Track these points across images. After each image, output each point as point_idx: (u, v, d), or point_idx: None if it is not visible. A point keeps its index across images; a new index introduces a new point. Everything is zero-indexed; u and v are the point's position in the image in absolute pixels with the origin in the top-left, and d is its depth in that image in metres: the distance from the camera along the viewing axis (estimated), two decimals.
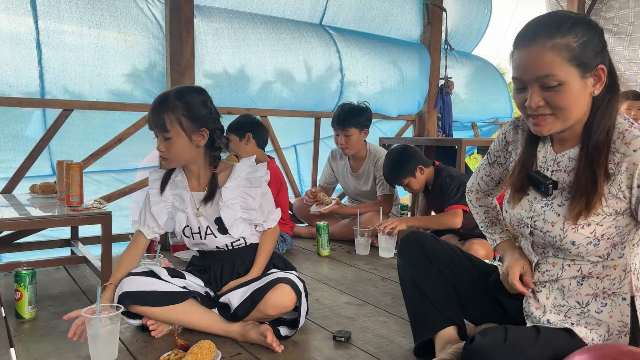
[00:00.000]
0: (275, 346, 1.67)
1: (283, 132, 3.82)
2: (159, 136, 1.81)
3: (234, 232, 1.91)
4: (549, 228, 1.35)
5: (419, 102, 4.63)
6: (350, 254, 3.13)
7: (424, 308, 1.61)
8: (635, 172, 1.23)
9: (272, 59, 3.60)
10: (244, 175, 1.93)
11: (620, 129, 1.27)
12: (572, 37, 1.21)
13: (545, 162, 1.40)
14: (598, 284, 1.37)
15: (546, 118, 1.26)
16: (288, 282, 1.77)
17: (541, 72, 1.22)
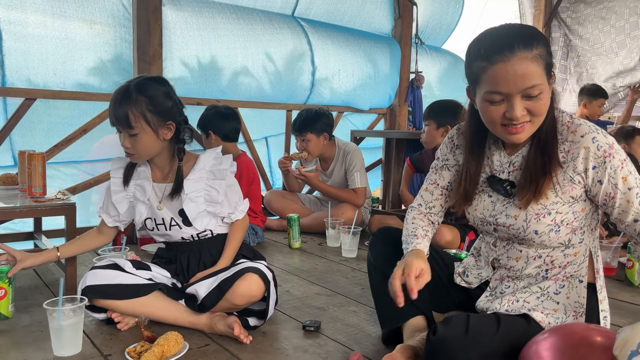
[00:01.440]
0: (243, 337, 1.66)
1: (254, 124, 3.79)
2: (123, 132, 1.75)
3: (198, 225, 1.88)
4: (512, 222, 1.41)
5: (390, 95, 4.65)
6: (321, 246, 3.13)
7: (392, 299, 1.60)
8: (589, 155, 1.31)
9: (243, 50, 3.56)
10: (208, 167, 1.90)
11: (562, 121, 1.37)
12: (542, 47, 1.26)
13: (500, 166, 1.46)
14: (560, 271, 1.43)
15: (525, 125, 1.30)
16: (256, 271, 1.76)
17: (528, 84, 1.24)
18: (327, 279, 2.45)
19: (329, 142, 3.43)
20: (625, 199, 1.31)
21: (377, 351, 1.64)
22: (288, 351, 1.64)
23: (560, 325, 1.30)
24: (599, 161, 1.31)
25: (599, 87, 4.43)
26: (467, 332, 1.29)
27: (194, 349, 1.63)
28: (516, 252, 1.46)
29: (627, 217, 1.33)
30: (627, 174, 1.31)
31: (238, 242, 1.96)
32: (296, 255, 2.91)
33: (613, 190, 1.31)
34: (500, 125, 1.32)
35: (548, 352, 1.17)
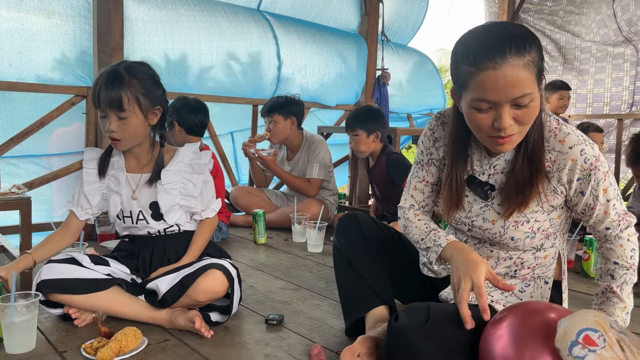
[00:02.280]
0: (204, 331, 1.63)
1: (219, 119, 3.74)
2: (111, 116, 1.70)
3: (169, 219, 1.85)
4: (489, 226, 1.39)
5: (357, 92, 4.67)
6: (287, 242, 3.11)
7: (357, 287, 1.61)
8: (576, 167, 1.29)
9: (207, 43, 3.51)
10: (186, 160, 1.88)
11: (549, 127, 1.31)
12: (534, 52, 1.18)
13: (480, 167, 1.41)
14: (529, 272, 1.45)
15: (513, 136, 1.23)
16: (220, 267, 1.73)
17: (518, 93, 1.16)
18: (291, 273, 2.44)
19: (297, 132, 3.43)
20: (603, 210, 1.33)
21: (340, 343, 1.64)
22: (250, 345, 1.62)
23: (517, 303, 1.31)
24: (585, 174, 1.29)
25: (557, 81, 4.50)
26: (428, 320, 1.28)
27: (153, 344, 1.60)
28: (487, 252, 1.46)
29: (600, 226, 1.36)
30: (608, 186, 1.32)
31: (205, 240, 1.93)
32: (261, 251, 2.89)
33: (594, 201, 1.32)
34: (487, 134, 1.24)
35: (505, 330, 1.18)
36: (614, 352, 0.97)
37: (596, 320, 1.02)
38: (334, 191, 3.56)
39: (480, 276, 1.24)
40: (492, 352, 1.19)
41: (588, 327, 1.00)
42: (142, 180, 1.85)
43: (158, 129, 1.86)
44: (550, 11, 5.54)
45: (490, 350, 1.20)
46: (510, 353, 1.15)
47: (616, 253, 1.37)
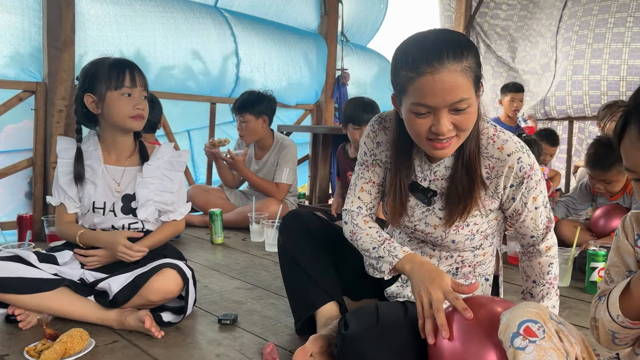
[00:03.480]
0: (155, 331, 1.60)
1: (176, 117, 3.67)
2: (136, 94, 1.78)
3: (140, 213, 1.84)
4: (431, 230, 1.42)
5: (317, 91, 4.68)
6: (245, 241, 3.09)
7: (304, 285, 1.60)
8: (511, 174, 1.33)
9: (163, 39, 3.45)
10: (166, 157, 1.90)
11: (487, 134, 1.34)
12: (472, 58, 1.20)
13: (421, 172, 1.42)
14: (470, 270, 1.49)
15: (452, 141, 1.25)
16: (174, 267, 1.71)
17: (455, 98, 1.17)
18: (248, 273, 2.42)
19: (268, 132, 3.38)
20: (530, 216, 1.39)
21: (293, 341, 1.64)
22: (201, 345, 1.60)
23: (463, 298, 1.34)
24: (518, 181, 1.33)
25: (510, 83, 4.61)
26: (378, 323, 1.29)
27: (101, 346, 1.55)
28: (429, 252, 1.50)
29: (526, 231, 1.42)
30: (538, 194, 1.36)
31: (164, 236, 1.90)
32: (218, 251, 2.85)
33: (522, 207, 1.37)
34: (426, 139, 1.25)
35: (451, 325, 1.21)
36: (552, 342, 1.01)
37: (536, 312, 1.05)
38: (294, 191, 3.55)
39: (447, 287, 1.24)
40: (440, 347, 1.21)
41: (529, 319, 1.03)
42: (125, 174, 1.86)
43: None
44: (505, 16, 5.68)
45: (438, 346, 1.22)
46: (457, 347, 1.18)
47: (534, 271, 1.44)
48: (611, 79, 4.67)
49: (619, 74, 4.62)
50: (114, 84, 1.75)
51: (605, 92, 4.71)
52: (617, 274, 1.03)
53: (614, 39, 4.66)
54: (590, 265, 2.22)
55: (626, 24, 4.62)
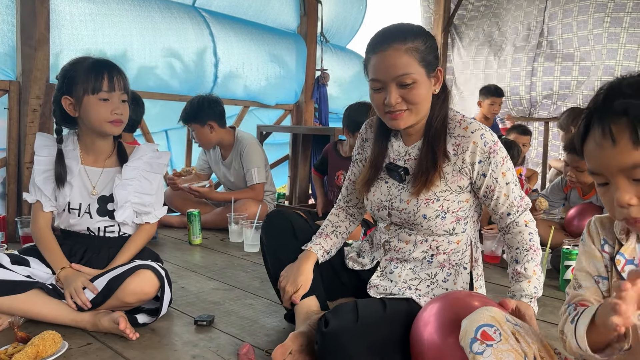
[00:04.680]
0: (129, 333, 1.58)
1: (153, 117, 3.63)
2: (115, 98, 1.74)
3: (118, 215, 1.81)
4: (404, 206, 1.50)
5: (296, 92, 4.67)
6: (223, 242, 3.07)
7: None
8: (477, 150, 1.43)
9: (139, 38, 3.41)
10: (146, 158, 1.87)
11: (455, 119, 1.50)
12: (420, 42, 1.40)
13: (398, 155, 1.57)
14: (445, 258, 1.53)
15: (403, 113, 1.42)
16: (149, 267, 1.69)
17: (399, 72, 1.38)
18: (226, 273, 2.41)
19: (224, 132, 3.32)
20: (503, 192, 1.46)
21: (271, 341, 1.63)
22: (177, 346, 1.59)
23: (443, 294, 1.40)
24: (485, 156, 1.44)
25: (491, 86, 4.63)
26: (357, 320, 1.32)
27: (74, 349, 1.53)
28: (406, 236, 1.55)
29: (500, 209, 1.49)
30: (507, 170, 1.46)
31: (140, 245, 1.88)
32: (196, 252, 2.83)
33: (493, 183, 1.46)
34: (383, 112, 1.45)
35: (431, 318, 1.26)
36: (509, 344, 1.02)
37: (492, 316, 1.07)
38: (272, 190, 3.54)
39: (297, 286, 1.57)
40: (420, 338, 1.25)
41: (485, 323, 1.05)
42: (103, 175, 1.83)
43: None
44: (482, 17, 5.74)
45: (418, 337, 1.26)
46: (435, 339, 1.21)
47: (516, 240, 1.49)
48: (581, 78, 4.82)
49: (597, 74, 4.74)
50: (91, 88, 1.71)
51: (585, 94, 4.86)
52: (585, 279, 1.03)
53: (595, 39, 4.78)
54: (564, 264, 2.26)
55: (603, 24, 4.73)
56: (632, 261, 0.96)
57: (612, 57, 4.70)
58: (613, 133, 0.83)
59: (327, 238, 1.69)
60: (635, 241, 0.97)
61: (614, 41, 4.67)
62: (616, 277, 0.97)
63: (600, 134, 0.85)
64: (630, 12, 4.62)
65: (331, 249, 1.68)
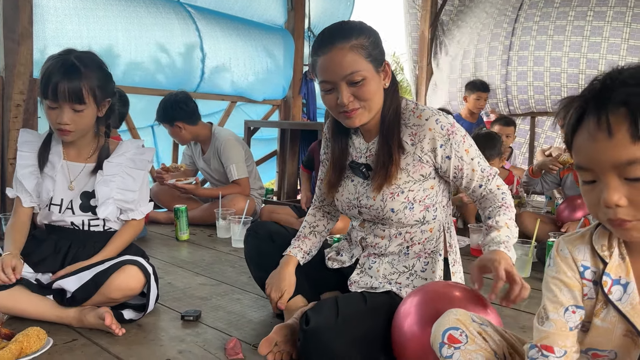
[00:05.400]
0: (115, 328, 1.57)
1: (139, 112, 3.61)
2: (65, 108, 1.64)
3: (101, 211, 1.78)
4: (372, 202, 1.51)
5: (284, 87, 4.67)
6: (211, 238, 3.06)
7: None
8: (435, 135, 1.43)
9: (125, 33, 3.38)
10: (129, 154, 1.84)
11: (408, 108, 1.50)
12: (363, 38, 1.38)
13: (360, 152, 1.57)
14: (420, 248, 1.55)
15: (356, 111, 1.42)
16: (135, 263, 1.68)
17: (347, 71, 1.37)
18: (213, 269, 2.40)
19: (198, 128, 3.27)
20: (470, 168, 1.47)
21: (258, 335, 1.63)
22: (163, 342, 1.58)
23: (423, 285, 1.42)
24: (445, 139, 1.44)
25: (477, 81, 4.64)
26: (338, 315, 1.34)
27: (59, 345, 1.52)
28: (380, 232, 1.56)
29: (472, 184, 1.49)
30: (469, 147, 1.46)
31: (126, 241, 1.86)
32: (183, 248, 2.82)
33: (460, 162, 1.46)
34: (337, 112, 1.44)
35: (411, 309, 1.27)
36: (477, 344, 1.03)
37: (457, 318, 1.07)
38: (259, 185, 3.53)
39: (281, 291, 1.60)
40: (401, 330, 1.27)
41: (451, 327, 1.05)
42: (84, 171, 1.81)
43: (104, 120, 1.81)
44: (470, 12, 5.75)
45: (399, 329, 1.28)
46: (415, 330, 1.23)
47: (489, 201, 1.50)
48: (571, 71, 4.77)
49: (579, 67, 4.72)
50: (42, 93, 1.67)
51: (565, 84, 4.81)
52: (554, 310, 0.92)
53: (574, 32, 4.75)
54: (549, 257, 2.28)
55: (586, 17, 4.71)
56: (618, 281, 0.88)
57: (596, 51, 4.69)
58: (610, 124, 0.74)
59: (306, 239, 1.71)
60: (619, 257, 0.88)
61: (597, 35, 4.67)
62: (603, 301, 0.89)
63: (595, 124, 0.76)
64: (613, 6, 4.62)
65: (311, 249, 1.71)
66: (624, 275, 0.88)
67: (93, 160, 1.83)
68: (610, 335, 0.90)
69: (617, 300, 0.88)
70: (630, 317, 0.86)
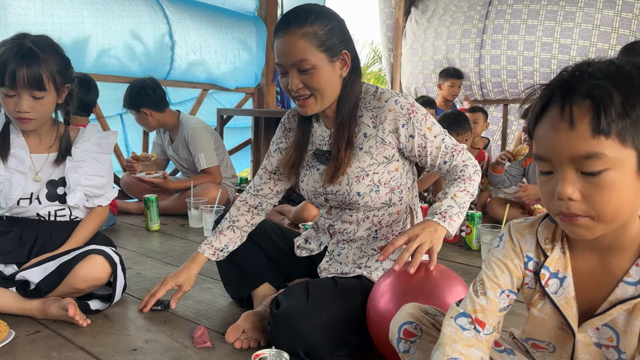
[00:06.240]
0: (79, 319, 1.54)
1: (107, 100, 3.52)
2: (23, 95, 1.58)
3: (70, 199, 1.74)
4: (337, 188, 1.50)
5: (257, 75, 4.62)
6: (183, 227, 3.03)
7: (236, 275, 1.72)
8: (397, 116, 1.43)
9: (91, 19, 3.30)
10: (94, 139, 1.80)
11: (369, 92, 1.49)
12: (318, 26, 1.36)
13: (322, 139, 1.56)
14: (388, 230, 1.55)
15: (308, 100, 1.41)
16: (100, 252, 1.65)
17: (296, 58, 1.36)
18: (184, 259, 2.34)
19: (165, 116, 3.22)
20: (434, 145, 1.45)
21: (227, 324, 1.61)
22: (130, 331, 1.56)
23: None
24: (406, 118, 1.43)
25: (450, 68, 4.67)
26: (308, 299, 1.34)
27: (22, 337, 1.49)
28: (348, 217, 1.55)
29: (438, 161, 1.47)
30: (432, 125, 1.45)
31: (92, 230, 1.82)
32: (154, 238, 2.78)
33: (423, 140, 1.44)
34: (292, 97, 1.44)
35: (386, 288, 1.29)
36: (431, 336, 1.04)
37: (410, 312, 1.08)
38: (231, 174, 3.49)
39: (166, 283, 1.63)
40: (377, 310, 1.28)
41: (405, 321, 1.06)
42: (48, 160, 1.75)
43: (64, 106, 1.76)
44: None
45: (375, 309, 1.29)
46: (391, 307, 1.23)
47: (450, 175, 1.48)
48: (543, 56, 4.80)
49: (551, 52, 4.75)
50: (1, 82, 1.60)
51: (537, 68, 4.84)
52: (493, 289, 0.93)
53: (547, 16, 4.77)
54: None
55: (560, 2, 4.73)
56: (556, 274, 0.89)
57: (569, 36, 4.72)
58: (573, 115, 0.74)
59: (221, 235, 1.66)
60: (560, 251, 0.89)
61: (570, 20, 4.70)
62: (540, 292, 0.91)
63: (559, 114, 0.76)
64: None
65: (227, 245, 1.66)
66: (562, 270, 0.89)
67: (55, 148, 1.78)
68: (546, 326, 0.93)
69: (552, 293, 0.89)
70: (563, 310, 0.88)
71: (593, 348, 0.89)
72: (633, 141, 0.73)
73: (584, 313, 0.88)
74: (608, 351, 0.87)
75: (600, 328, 0.86)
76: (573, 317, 0.88)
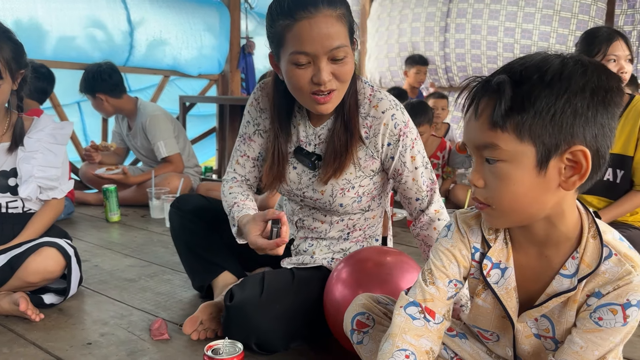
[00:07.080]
0: (31, 314, 1.50)
1: (63, 87, 3.40)
2: None
3: (22, 191, 1.67)
4: (319, 196, 1.41)
5: (220, 61, 4.54)
6: (144, 218, 2.96)
7: (196, 262, 1.65)
8: (387, 132, 1.32)
9: (44, 4, 3.17)
10: (48, 130, 1.74)
11: (365, 93, 1.34)
12: (344, 9, 1.20)
13: (306, 137, 1.41)
14: (361, 233, 1.51)
15: (332, 94, 1.23)
16: (53, 245, 1.60)
17: (334, 44, 1.17)
18: (144, 250, 2.33)
19: (122, 102, 3.11)
20: (411, 177, 1.36)
21: (186, 315, 1.58)
22: (86, 325, 1.53)
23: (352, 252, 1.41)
24: (394, 139, 1.33)
25: (416, 55, 4.69)
26: (263, 291, 1.32)
27: None
28: (321, 217, 1.49)
29: (409, 194, 1.39)
30: (416, 154, 1.35)
31: (47, 223, 1.76)
32: (114, 229, 2.72)
33: (401, 167, 1.35)
34: (309, 93, 1.23)
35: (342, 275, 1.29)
36: (384, 325, 1.04)
37: (362, 303, 1.08)
38: (193, 162, 3.43)
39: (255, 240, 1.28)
40: (333, 298, 1.28)
41: (357, 312, 1.07)
42: (0, 150, 1.69)
43: (17, 92, 1.70)
44: None
45: (332, 297, 1.29)
46: (347, 293, 1.24)
47: (431, 237, 1.41)
48: (507, 40, 4.84)
49: (514, 37, 4.80)
50: None
51: (501, 53, 4.90)
52: (441, 279, 0.93)
53: (510, 2, 4.81)
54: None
55: None
56: (498, 265, 0.90)
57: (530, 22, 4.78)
58: (479, 107, 0.80)
59: (246, 201, 1.45)
60: (503, 242, 0.91)
61: (531, 6, 4.76)
62: (483, 283, 0.92)
63: (472, 105, 0.82)
64: None
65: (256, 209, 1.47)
66: (504, 261, 0.90)
67: (7, 137, 1.71)
68: (489, 315, 0.94)
69: (494, 283, 0.91)
70: (503, 300, 0.90)
71: (533, 339, 0.91)
72: (531, 137, 0.76)
73: (524, 304, 0.90)
74: (546, 342, 0.90)
75: (538, 319, 0.88)
76: (513, 307, 0.90)
